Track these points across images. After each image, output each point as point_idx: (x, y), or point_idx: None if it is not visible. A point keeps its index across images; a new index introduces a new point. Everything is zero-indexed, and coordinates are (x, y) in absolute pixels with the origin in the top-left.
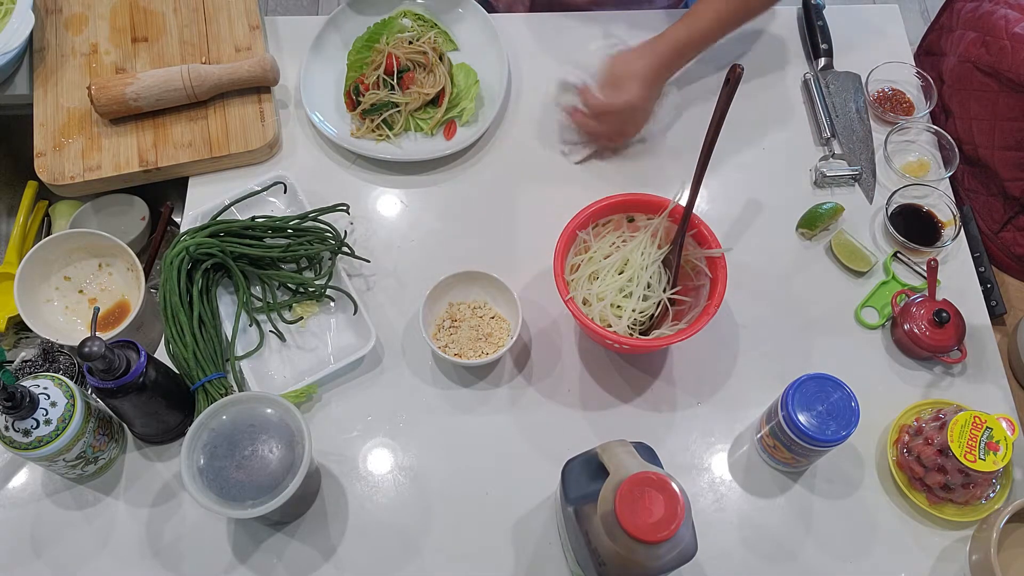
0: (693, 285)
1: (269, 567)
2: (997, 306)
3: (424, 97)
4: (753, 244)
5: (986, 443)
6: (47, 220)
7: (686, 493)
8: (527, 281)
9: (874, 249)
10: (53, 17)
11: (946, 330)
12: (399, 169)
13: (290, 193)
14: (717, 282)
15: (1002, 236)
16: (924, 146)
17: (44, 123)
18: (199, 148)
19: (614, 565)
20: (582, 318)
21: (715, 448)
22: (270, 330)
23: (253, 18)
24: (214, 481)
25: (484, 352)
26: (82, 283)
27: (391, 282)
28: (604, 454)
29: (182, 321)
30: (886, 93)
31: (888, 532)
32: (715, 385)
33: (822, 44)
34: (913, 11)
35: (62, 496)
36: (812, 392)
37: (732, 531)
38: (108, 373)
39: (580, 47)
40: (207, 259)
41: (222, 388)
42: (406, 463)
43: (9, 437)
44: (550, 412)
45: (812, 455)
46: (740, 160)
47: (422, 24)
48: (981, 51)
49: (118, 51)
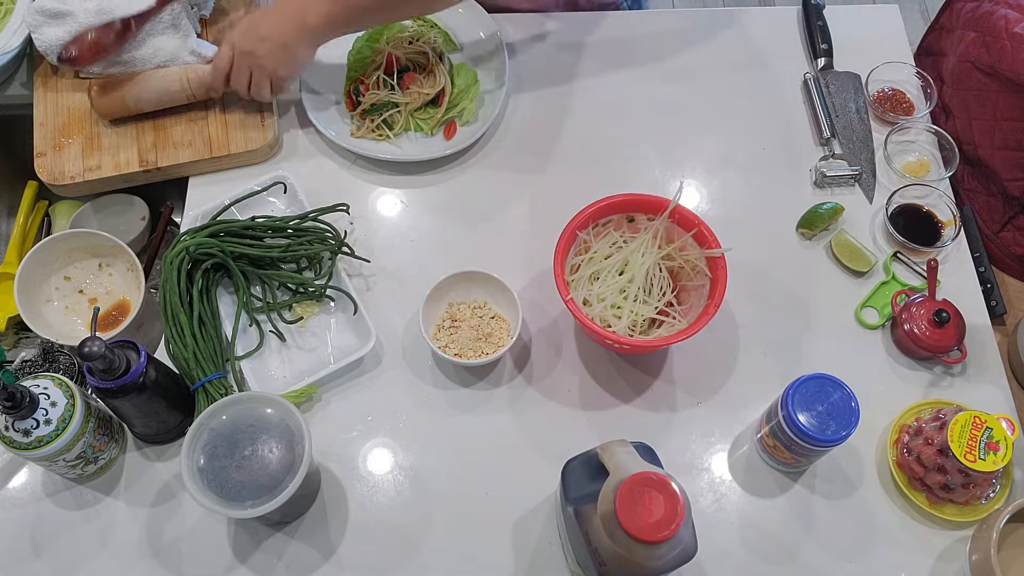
0: (693, 285)
1: (269, 567)
2: (997, 306)
3: (424, 97)
4: (753, 244)
5: (986, 443)
6: (47, 220)
7: (686, 493)
8: (527, 281)
9: (874, 249)
10: None
11: (946, 330)
12: (399, 169)
13: (290, 193)
14: (717, 282)
15: (1002, 236)
16: (924, 146)
17: (44, 123)
18: (199, 148)
19: (614, 565)
20: (582, 318)
21: (715, 448)
22: (270, 330)
23: None
24: (214, 481)
25: (484, 352)
26: (82, 283)
27: (391, 282)
28: (604, 454)
29: (182, 321)
30: (886, 93)
31: (888, 532)
32: (715, 385)
33: (822, 44)
34: (913, 11)
35: (62, 496)
36: (812, 392)
37: (732, 531)
38: (108, 373)
39: (579, 47)
40: (207, 259)
41: (222, 388)
42: (406, 463)
43: (9, 437)
44: (550, 412)
45: (812, 455)
46: (740, 160)
47: (422, 24)
48: (981, 51)
49: None
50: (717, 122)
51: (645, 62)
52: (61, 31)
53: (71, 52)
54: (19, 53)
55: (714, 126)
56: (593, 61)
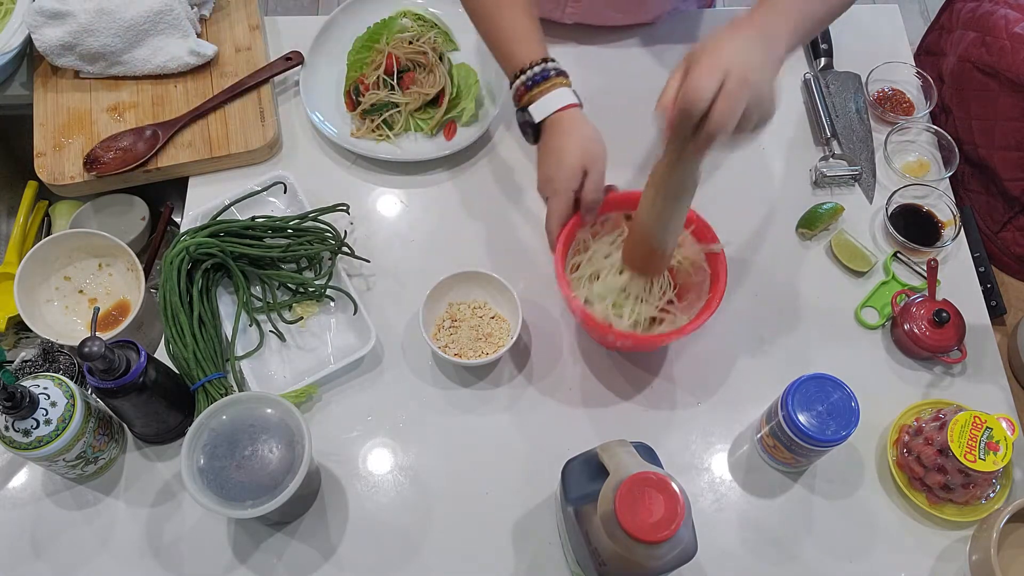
0: (693, 282)
1: (269, 567)
2: (997, 306)
3: (424, 97)
4: (753, 244)
5: (986, 443)
6: (47, 220)
7: (686, 493)
8: (527, 281)
9: (874, 249)
10: None
11: (946, 330)
12: (399, 169)
13: (290, 193)
14: (718, 276)
15: (1002, 236)
16: (924, 146)
17: (44, 123)
18: (199, 148)
19: (614, 565)
20: (586, 317)
21: (715, 448)
22: (270, 330)
23: (253, 18)
24: (214, 481)
25: (484, 352)
26: (82, 283)
27: (391, 282)
28: (604, 454)
29: (182, 321)
30: (886, 93)
31: (888, 532)
32: (715, 385)
33: (822, 44)
34: (913, 11)
35: (62, 496)
36: (812, 392)
37: (732, 531)
38: (108, 373)
39: (579, 49)
40: (207, 259)
41: (222, 388)
42: (406, 463)
43: (9, 437)
44: (550, 412)
45: (812, 455)
46: (740, 160)
47: (422, 24)
48: (981, 51)
49: None
50: None
51: (644, 63)
52: (61, 31)
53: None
54: (19, 53)
55: None
56: (591, 63)
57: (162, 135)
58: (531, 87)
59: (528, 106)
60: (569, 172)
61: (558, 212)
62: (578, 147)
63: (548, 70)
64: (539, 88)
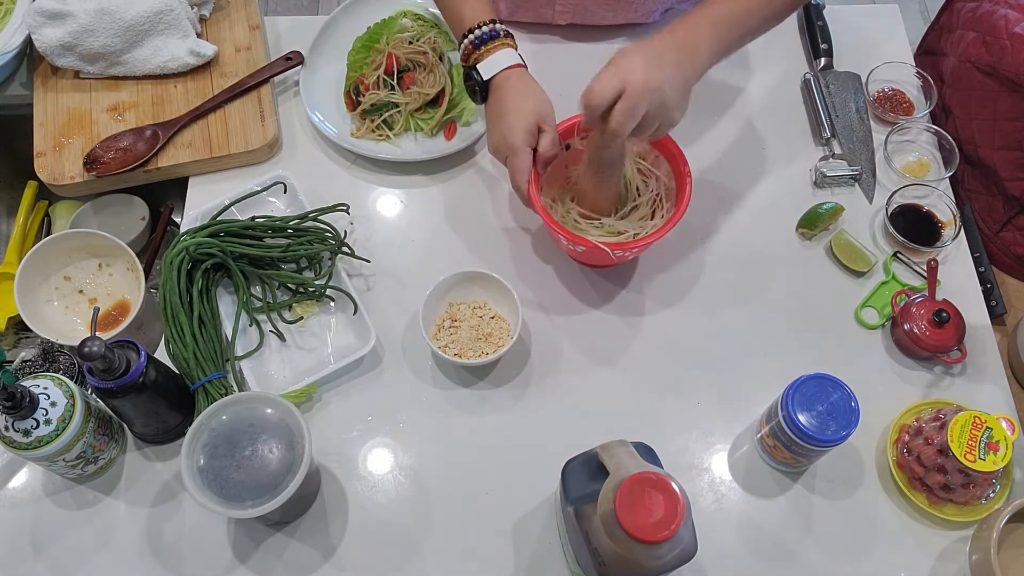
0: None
1: (269, 567)
2: (997, 306)
3: (424, 97)
4: (753, 244)
5: (986, 443)
6: (47, 220)
7: (686, 493)
8: (527, 281)
9: (874, 249)
10: None
11: (946, 330)
12: (399, 169)
13: (290, 193)
14: (683, 189)
15: (1002, 236)
16: (924, 146)
17: (44, 123)
18: (199, 148)
19: (614, 565)
20: (552, 224)
21: (715, 448)
22: (270, 330)
23: (253, 18)
24: (214, 481)
25: (484, 352)
26: (82, 283)
27: (391, 282)
28: (604, 454)
29: (182, 321)
30: (886, 93)
31: (888, 532)
32: (715, 385)
33: (822, 44)
34: (913, 11)
35: (62, 496)
36: (812, 392)
37: (732, 531)
38: (108, 373)
39: (579, 49)
40: (207, 259)
41: (222, 388)
42: (406, 463)
43: (9, 437)
44: (550, 412)
45: (812, 455)
46: (740, 160)
47: (422, 24)
48: (981, 51)
49: None
50: (717, 121)
51: None
52: (61, 31)
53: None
54: (19, 53)
55: (713, 125)
56: (585, 62)
57: (162, 135)
58: (478, 46)
59: (476, 65)
60: (526, 132)
61: (523, 168)
62: (532, 107)
63: (496, 31)
64: (486, 47)
